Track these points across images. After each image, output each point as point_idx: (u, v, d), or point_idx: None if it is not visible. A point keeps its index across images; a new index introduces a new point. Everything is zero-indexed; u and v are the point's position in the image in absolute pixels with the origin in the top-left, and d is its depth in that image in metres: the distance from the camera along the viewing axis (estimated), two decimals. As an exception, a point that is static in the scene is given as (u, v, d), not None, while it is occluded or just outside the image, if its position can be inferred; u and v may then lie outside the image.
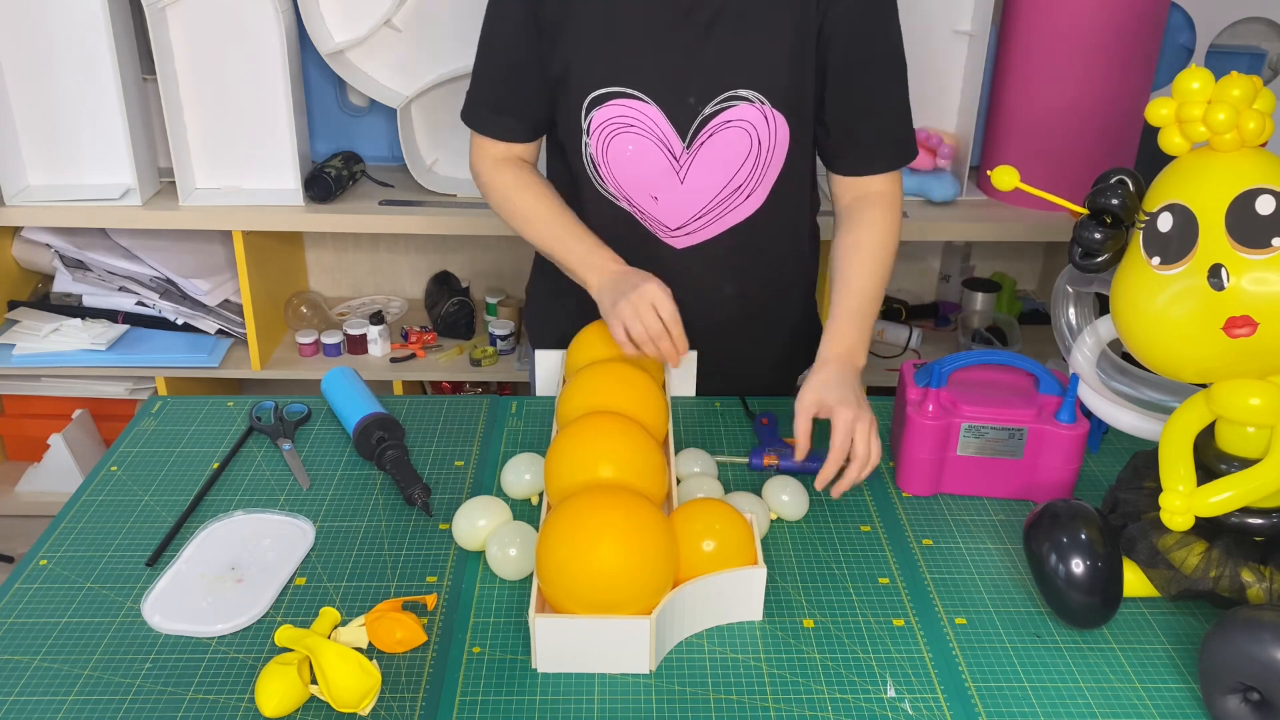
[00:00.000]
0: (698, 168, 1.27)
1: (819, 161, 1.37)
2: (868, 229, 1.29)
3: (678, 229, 1.32)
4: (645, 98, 1.24)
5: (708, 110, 1.24)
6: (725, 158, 1.26)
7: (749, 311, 1.41)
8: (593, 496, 0.98)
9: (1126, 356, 1.13)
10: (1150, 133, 0.95)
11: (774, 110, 1.24)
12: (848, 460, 1.13)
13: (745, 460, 1.26)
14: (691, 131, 1.25)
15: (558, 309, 1.46)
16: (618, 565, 0.93)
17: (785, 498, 1.15)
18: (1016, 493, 1.19)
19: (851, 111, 1.28)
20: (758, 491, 1.18)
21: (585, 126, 1.26)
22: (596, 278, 1.28)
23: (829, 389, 1.15)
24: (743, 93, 1.23)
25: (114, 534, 1.13)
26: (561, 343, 1.38)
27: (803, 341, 1.49)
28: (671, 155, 1.26)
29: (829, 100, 1.27)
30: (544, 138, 1.38)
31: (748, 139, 1.25)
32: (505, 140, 1.35)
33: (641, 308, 1.21)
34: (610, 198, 1.32)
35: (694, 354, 1.36)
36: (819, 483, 1.14)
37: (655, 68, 1.23)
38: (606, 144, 1.27)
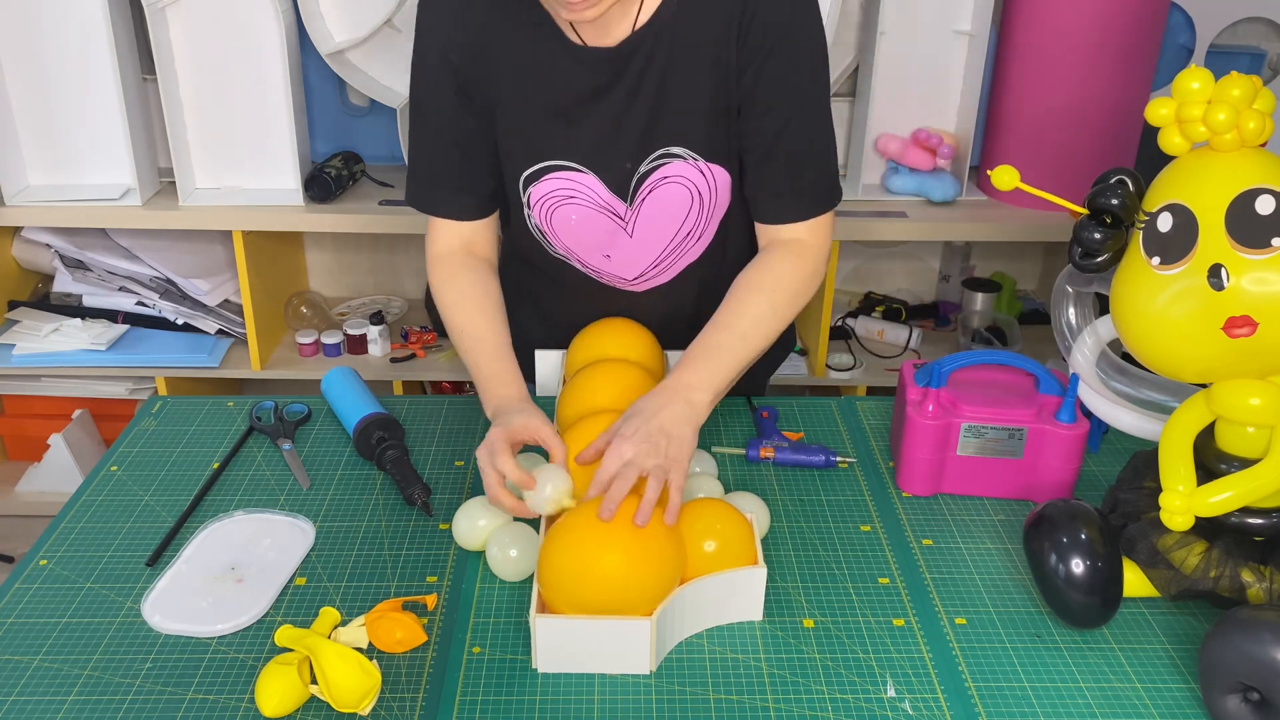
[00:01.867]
0: (643, 223, 1.26)
1: None
2: (765, 272, 1.21)
3: (635, 279, 1.32)
4: (581, 168, 1.22)
5: (644, 168, 1.22)
6: (668, 211, 1.25)
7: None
8: (595, 505, 0.97)
9: (1126, 356, 1.13)
10: (1150, 133, 0.95)
11: (707, 163, 1.22)
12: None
13: (743, 451, 1.26)
14: (631, 191, 1.23)
15: (522, 312, 1.42)
16: (622, 576, 0.93)
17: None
18: (1016, 493, 1.19)
19: (761, 162, 1.21)
20: (755, 488, 1.18)
21: (525, 200, 1.25)
22: (490, 406, 1.17)
23: (635, 415, 1.06)
24: (674, 149, 1.21)
25: (114, 534, 1.13)
26: (526, 348, 1.36)
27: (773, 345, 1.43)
28: (616, 216, 1.25)
29: (742, 151, 1.23)
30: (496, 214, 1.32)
31: (686, 193, 1.23)
32: (461, 219, 1.28)
33: (484, 452, 1.08)
34: (562, 259, 1.32)
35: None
36: (579, 459, 1.06)
37: (585, 139, 1.21)
38: (549, 215, 1.26)
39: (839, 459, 1.24)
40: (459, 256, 1.28)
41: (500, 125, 1.22)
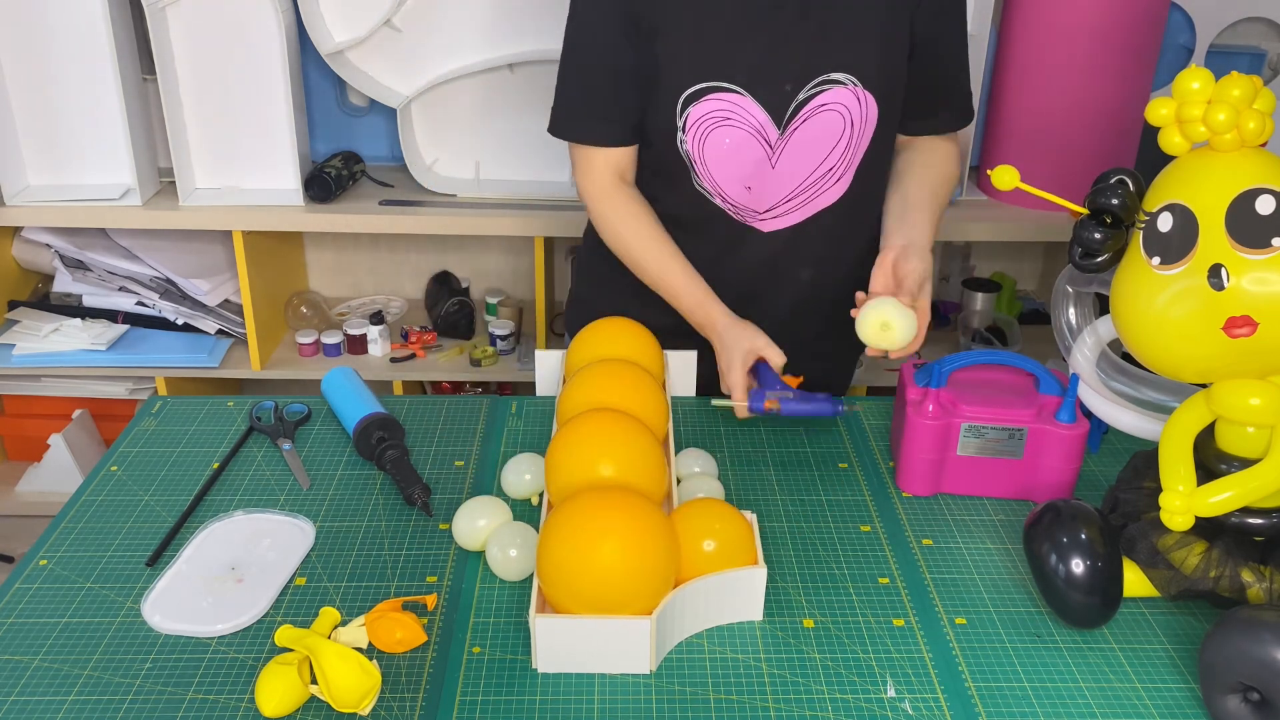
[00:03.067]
0: (791, 153, 1.29)
1: None
2: (934, 154, 1.36)
3: (765, 212, 1.34)
4: (741, 90, 1.25)
5: (802, 95, 1.25)
6: (819, 141, 1.28)
7: (823, 299, 1.42)
8: (593, 496, 0.98)
9: (1126, 356, 1.13)
10: (1150, 133, 0.95)
11: (865, 91, 1.26)
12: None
13: (744, 404, 1.26)
14: (786, 117, 1.26)
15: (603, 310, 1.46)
16: (619, 565, 0.93)
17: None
18: (1016, 493, 1.19)
19: (929, 82, 1.32)
20: (756, 488, 1.18)
21: (681, 124, 1.27)
22: (714, 333, 1.31)
23: (921, 266, 1.22)
24: (836, 76, 1.24)
25: (114, 534, 1.13)
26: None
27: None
28: (767, 144, 1.28)
29: (911, 70, 1.30)
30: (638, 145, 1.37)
31: (841, 121, 1.27)
32: (606, 145, 1.33)
33: (729, 370, 1.27)
34: (704, 193, 1.33)
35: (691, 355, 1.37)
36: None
37: (749, 59, 1.24)
38: (704, 139, 1.27)
39: (845, 406, 1.23)
40: (620, 188, 1.35)
41: (665, 46, 1.24)
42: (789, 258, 1.37)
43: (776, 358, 1.27)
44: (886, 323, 1.17)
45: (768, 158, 1.28)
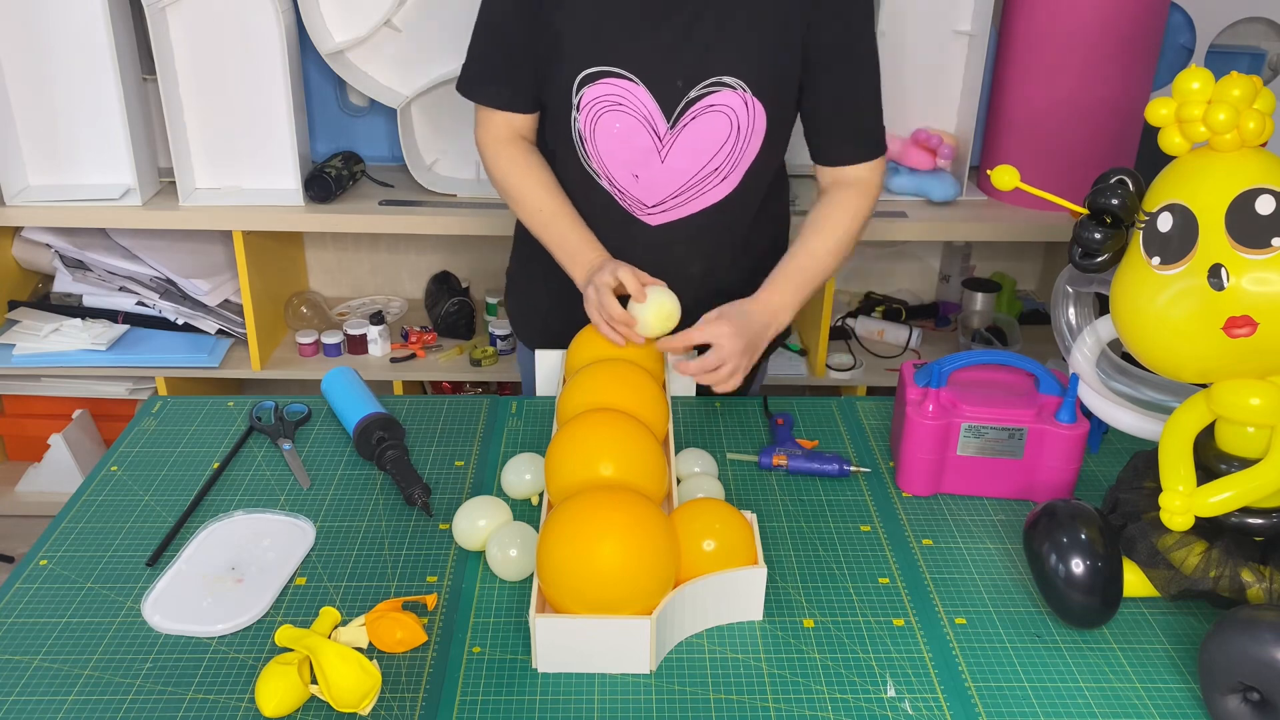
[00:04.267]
0: (679, 148, 1.31)
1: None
2: (834, 207, 1.36)
3: (654, 206, 1.36)
4: (634, 78, 1.28)
5: (693, 94, 1.28)
6: (705, 140, 1.31)
7: (717, 291, 1.41)
8: (593, 496, 0.98)
9: (1126, 356, 1.13)
10: (1150, 133, 0.95)
11: (754, 98, 1.28)
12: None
13: (755, 459, 1.26)
14: (676, 113, 1.29)
15: (540, 295, 1.51)
16: (619, 565, 0.93)
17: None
18: (1016, 493, 1.19)
19: (830, 107, 1.34)
20: (755, 487, 1.18)
21: (575, 103, 1.30)
22: (581, 273, 1.34)
23: (738, 319, 1.24)
24: (727, 79, 1.27)
25: (114, 534, 1.13)
26: (545, 329, 1.44)
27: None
28: (656, 135, 1.30)
29: (808, 94, 1.33)
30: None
31: (728, 123, 1.29)
32: (503, 109, 1.38)
33: (592, 296, 1.29)
34: (592, 175, 1.36)
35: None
36: (677, 365, 1.24)
37: (646, 50, 1.27)
38: (595, 120, 1.30)
39: (852, 468, 1.23)
40: (515, 141, 1.40)
41: (565, 24, 1.28)
42: (677, 253, 1.39)
43: (649, 286, 1.28)
44: (661, 303, 1.25)
45: (656, 149, 1.31)
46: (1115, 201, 0.95)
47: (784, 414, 1.34)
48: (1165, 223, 0.91)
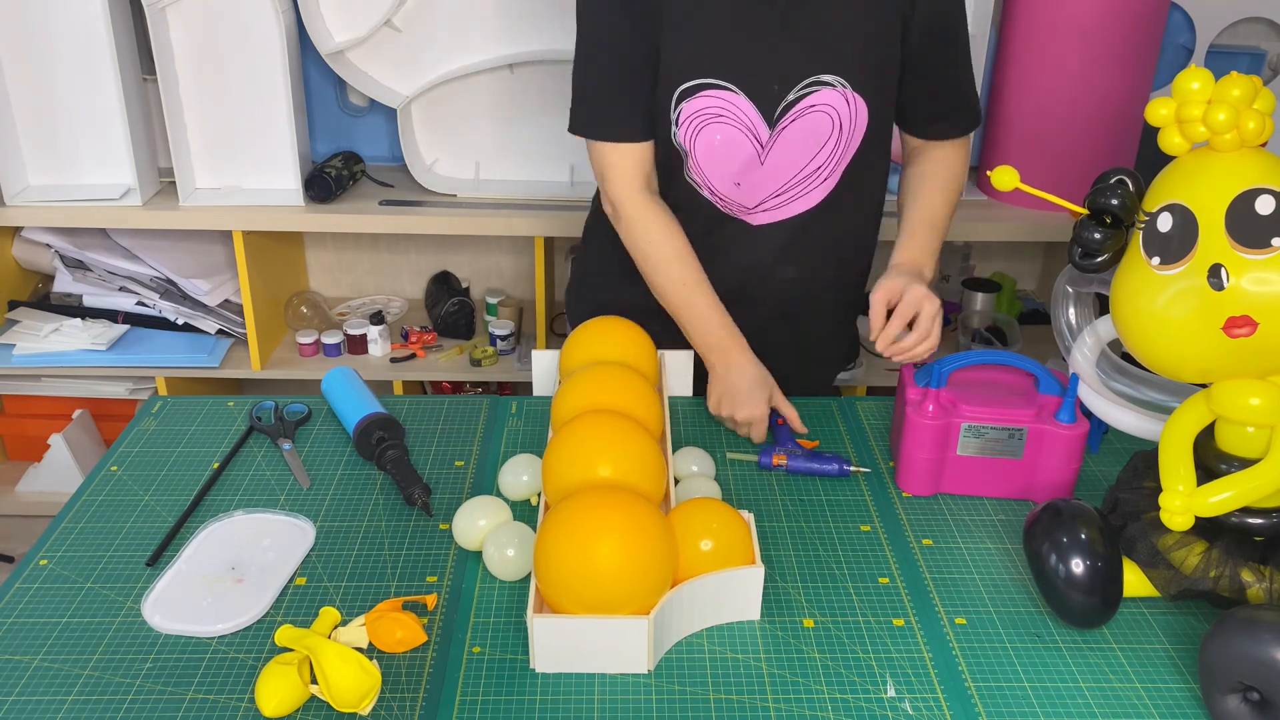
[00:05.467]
0: (779, 150, 1.29)
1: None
2: (938, 163, 1.36)
3: (754, 207, 1.35)
4: (733, 88, 1.26)
5: (792, 96, 1.26)
6: (807, 141, 1.29)
7: (806, 294, 1.44)
8: (591, 496, 0.98)
9: (1126, 356, 1.13)
10: (1150, 133, 0.95)
11: (855, 94, 1.26)
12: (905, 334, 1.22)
13: (755, 459, 1.26)
14: (776, 116, 1.27)
15: (602, 293, 1.48)
16: (616, 565, 0.93)
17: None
18: (1016, 493, 1.19)
19: (933, 88, 1.33)
20: (755, 487, 1.18)
21: (675, 117, 1.28)
22: (719, 361, 1.32)
23: (900, 280, 1.22)
24: (825, 77, 1.25)
25: (114, 534, 1.13)
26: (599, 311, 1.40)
27: (842, 339, 1.56)
28: (757, 141, 1.29)
29: (907, 79, 1.31)
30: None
31: (830, 122, 1.28)
32: (630, 140, 1.31)
33: (740, 414, 1.29)
34: (693, 185, 1.34)
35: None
36: (881, 344, 1.21)
37: (742, 58, 1.25)
38: (696, 134, 1.29)
39: (852, 468, 1.23)
40: (649, 198, 1.34)
41: (664, 39, 1.25)
42: (776, 255, 1.38)
43: (790, 409, 1.31)
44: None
45: (757, 155, 1.29)
46: (1115, 201, 0.95)
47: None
48: (1165, 223, 0.91)
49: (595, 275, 1.51)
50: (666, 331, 1.36)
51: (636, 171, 1.32)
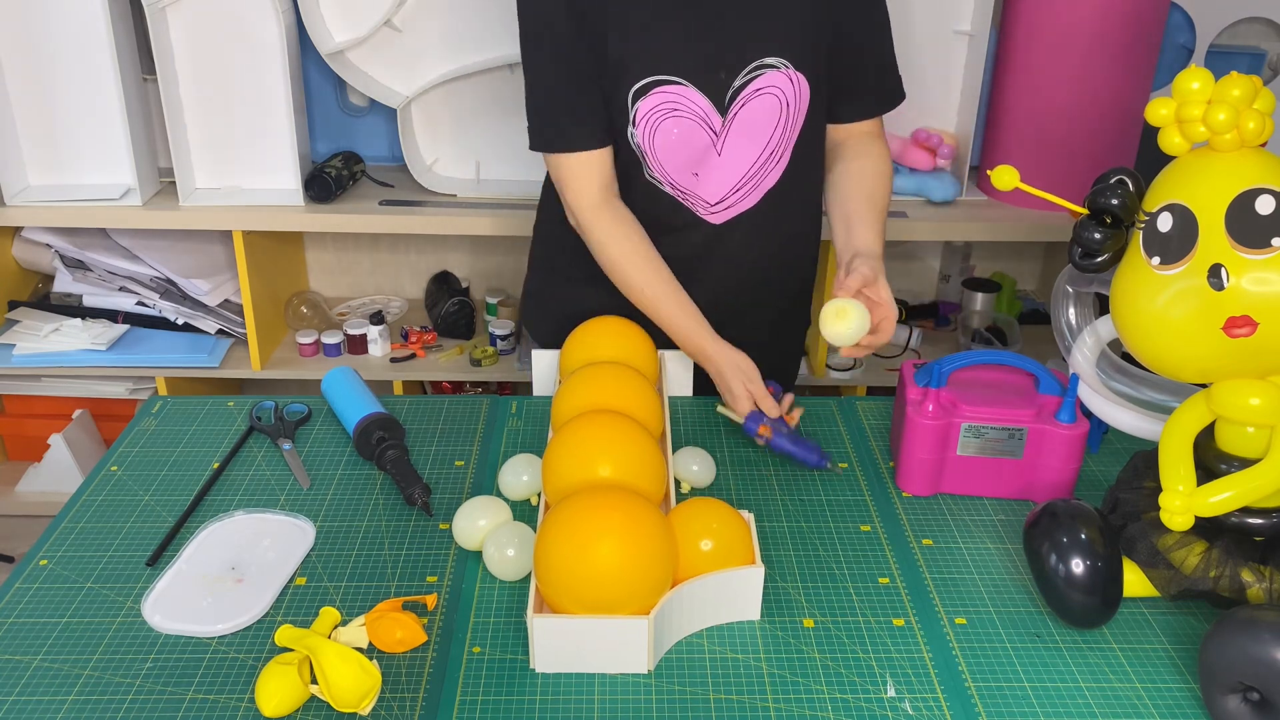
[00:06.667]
0: (733, 139, 1.31)
1: None
2: (867, 157, 1.38)
3: (717, 204, 1.36)
4: (683, 81, 1.27)
5: (738, 82, 1.28)
6: (759, 125, 1.31)
7: (770, 286, 1.46)
8: (590, 496, 0.98)
9: (1126, 356, 1.13)
10: (1150, 133, 0.95)
11: (797, 72, 1.29)
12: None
13: (742, 421, 1.26)
14: (726, 103, 1.29)
15: (563, 303, 1.49)
16: (616, 565, 0.93)
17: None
18: (1016, 493, 1.19)
19: (855, 66, 1.35)
20: (755, 487, 1.18)
21: (631, 117, 1.29)
22: (701, 363, 1.34)
23: (869, 269, 1.24)
24: (769, 60, 1.28)
25: (114, 534, 1.13)
26: (559, 329, 1.40)
27: (799, 329, 1.59)
28: (712, 131, 1.30)
29: (834, 55, 1.33)
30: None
31: (777, 104, 1.30)
32: (587, 149, 1.31)
33: (738, 408, 1.29)
34: (654, 183, 1.35)
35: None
36: (847, 351, 1.22)
37: (687, 50, 1.27)
38: (653, 131, 1.30)
39: (830, 464, 1.23)
40: (611, 203, 1.34)
41: (611, 42, 1.26)
42: (737, 244, 1.40)
43: (764, 388, 1.30)
44: (842, 309, 1.20)
45: (713, 144, 1.31)
46: (1115, 201, 0.95)
47: (775, 384, 1.32)
48: (1165, 223, 0.91)
49: (559, 283, 1.51)
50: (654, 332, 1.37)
51: (596, 178, 1.33)
